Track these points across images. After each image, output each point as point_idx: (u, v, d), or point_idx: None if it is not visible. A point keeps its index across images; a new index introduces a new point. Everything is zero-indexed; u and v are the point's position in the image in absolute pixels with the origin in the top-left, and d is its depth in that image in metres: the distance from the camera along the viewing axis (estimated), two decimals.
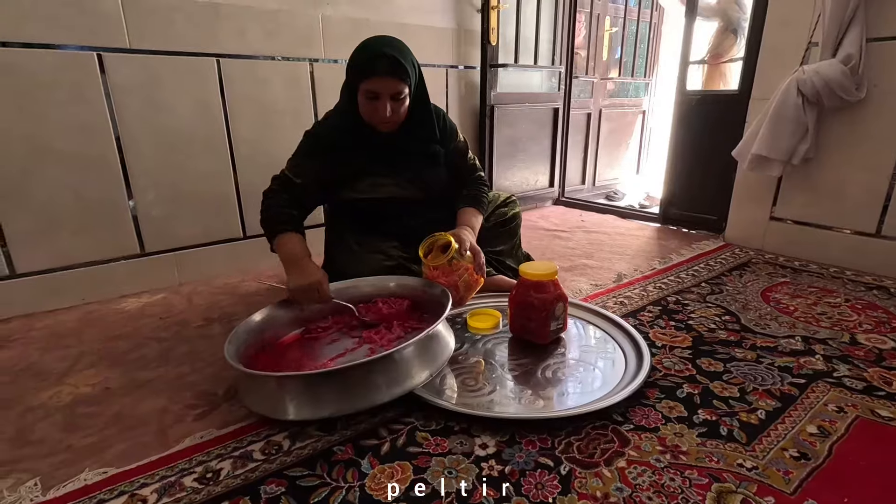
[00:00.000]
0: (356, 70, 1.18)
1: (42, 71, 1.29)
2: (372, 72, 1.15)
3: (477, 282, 1.22)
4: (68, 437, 0.86)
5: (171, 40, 1.46)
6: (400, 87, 1.18)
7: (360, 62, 1.17)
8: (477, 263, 1.20)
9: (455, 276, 1.16)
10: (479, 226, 1.36)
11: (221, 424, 0.89)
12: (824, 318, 1.30)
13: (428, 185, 1.36)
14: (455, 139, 1.41)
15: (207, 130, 1.58)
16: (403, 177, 1.33)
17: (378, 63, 1.14)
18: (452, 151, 1.40)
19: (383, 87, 1.16)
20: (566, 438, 0.83)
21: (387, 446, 0.82)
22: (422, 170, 1.34)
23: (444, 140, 1.37)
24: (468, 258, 1.19)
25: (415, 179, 1.34)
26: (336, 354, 1.05)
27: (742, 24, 2.27)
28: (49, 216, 1.37)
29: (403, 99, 1.21)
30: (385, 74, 1.15)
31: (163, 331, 1.28)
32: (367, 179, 1.31)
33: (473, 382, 1.00)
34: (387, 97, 1.18)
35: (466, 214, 1.34)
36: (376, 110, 1.19)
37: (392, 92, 1.17)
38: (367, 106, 1.20)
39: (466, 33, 2.18)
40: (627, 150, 3.36)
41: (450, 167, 1.40)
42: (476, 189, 1.40)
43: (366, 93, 1.18)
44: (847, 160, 1.66)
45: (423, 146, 1.33)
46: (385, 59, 1.14)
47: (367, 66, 1.15)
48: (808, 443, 0.82)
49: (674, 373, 1.03)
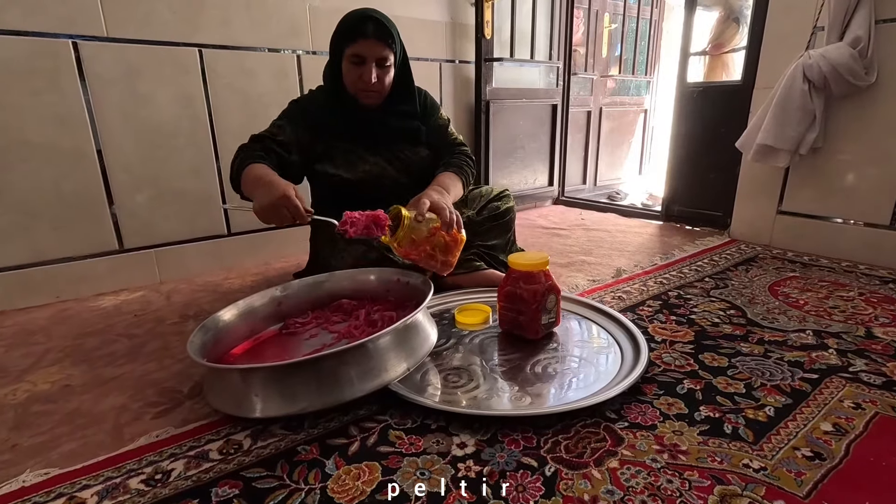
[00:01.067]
0: (342, 34, 1.18)
1: (15, 58, 1.25)
2: (359, 34, 1.15)
3: (455, 239, 1.10)
4: (15, 436, 0.80)
5: (151, 29, 1.41)
6: (385, 52, 1.18)
7: (346, 26, 1.18)
8: (444, 222, 1.07)
9: (425, 244, 1.06)
10: (458, 189, 1.28)
11: (181, 423, 0.82)
12: (837, 311, 1.22)
13: (407, 164, 1.31)
14: (436, 115, 1.38)
15: (190, 123, 1.53)
16: (383, 156, 1.29)
17: (365, 25, 1.15)
18: (433, 128, 1.36)
19: (369, 51, 1.16)
20: (553, 437, 0.75)
21: (356, 446, 0.75)
22: (402, 148, 1.31)
23: (423, 116, 1.34)
24: (432, 219, 1.07)
25: (393, 159, 1.30)
26: (312, 350, 0.99)
27: (744, 13, 2.20)
28: (24, 210, 1.32)
29: (388, 67, 1.21)
30: (372, 37, 1.15)
31: (136, 328, 1.22)
32: (345, 154, 1.27)
33: (457, 378, 0.93)
34: (372, 62, 1.17)
35: (439, 177, 1.27)
36: (361, 76, 1.18)
37: (378, 56, 1.17)
38: (352, 72, 1.19)
39: (460, 27, 2.13)
40: (629, 149, 3.29)
41: (430, 145, 1.36)
42: (457, 158, 1.35)
43: (351, 57, 1.17)
44: (858, 148, 1.58)
45: (404, 122, 1.30)
46: (372, 22, 1.16)
47: (354, 28, 1.16)
48: (823, 441, 0.74)
49: (674, 368, 0.96)
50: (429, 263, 1.09)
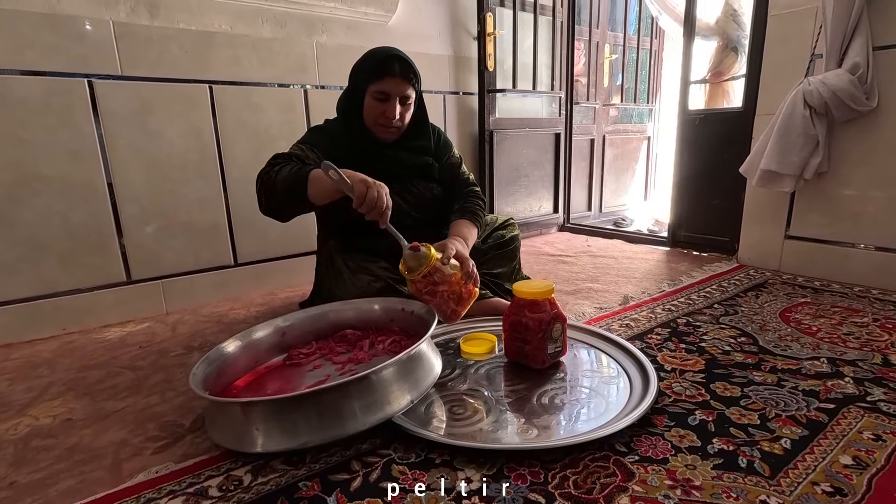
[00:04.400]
0: (367, 71, 1.21)
1: (32, 97, 1.29)
2: (385, 72, 1.19)
3: (470, 292, 1.11)
4: (14, 473, 0.79)
5: (164, 68, 1.46)
6: (409, 90, 1.22)
7: (372, 64, 1.20)
8: (465, 272, 1.09)
9: (443, 287, 1.06)
10: (474, 238, 1.30)
11: (181, 458, 0.81)
12: (851, 338, 1.19)
13: (419, 199, 1.32)
14: (449, 153, 1.40)
15: (199, 156, 1.56)
16: (395, 189, 1.28)
17: (392, 64, 1.19)
18: (445, 166, 1.38)
19: (395, 88, 1.20)
20: (561, 472, 0.73)
21: (358, 481, 0.73)
22: (414, 183, 1.32)
23: (437, 153, 1.37)
24: (454, 266, 1.09)
25: (406, 194, 1.30)
26: (316, 382, 0.98)
27: (742, 42, 2.24)
28: (34, 243, 1.34)
29: (410, 104, 1.25)
30: (398, 76, 1.19)
31: (140, 360, 1.22)
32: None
33: (462, 410, 0.91)
34: (396, 99, 1.21)
35: (458, 226, 1.29)
36: (384, 112, 1.21)
37: (402, 94, 1.21)
38: (375, 108, 1.22)
39: (464, 60, 2.18)
40: (634, 176, 3.30)
41: (443, 182, 1.38)
42: (471, 202, 1.36)
43: (376, 94, 1.20)
44: (863, 172, 1.57)
45: (417, 158, 1.32)
46: (398, 61, 1.20)
47: (381, 66, 1.19)
48: (844, 476, 0.71)
49: (685, 398, 0.93)
50: (439, 307, 1.07)
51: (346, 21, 1.80)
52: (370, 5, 1.83)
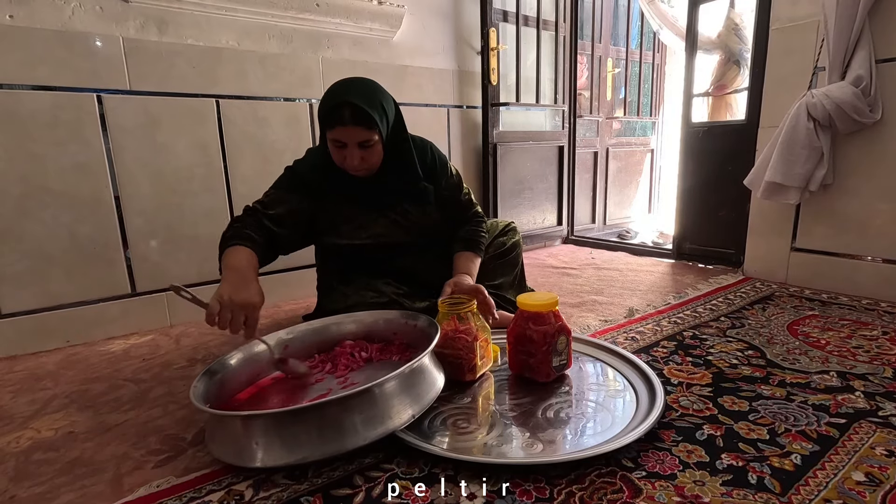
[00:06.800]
0: (321, 118, 1.12)
1: (41, 111, 1.31)
2: (335, 121, 1.08)
3: (488, 354, 1.09)
4: (14, 487, 0.78)
5: (171, 82, 1.48)
6: (366, 135, 1.10)
7: (324, 111, 1.11)
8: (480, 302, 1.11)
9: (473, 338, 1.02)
10: (477, 268, 1.29)
11: (183, 472, 0.80)
12: (861, 351, 1.17)
13: (418, 226, 1.29)
14: (446, 174, 1.32)
15: (205, 170, 1.57)
16: (388, 218, 1.26)
17: (340, 112, 1.07)
18: (444, 188, 1.31)
19: (348, 136, 1.10)
20: (567, 487, 0.71)
21: (360, 496, 0.72)
22: (409, 211, 1.27)
23: (432, 176, 1.29)
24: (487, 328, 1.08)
25: (401, 220, 1.27)
26: (318, 395, 0.97)
27: (744, 55, 2.25)
28: (41, 255, 1.35)
29: (373, 145, 1.13)
30: (349, 124, 1.08)
31: (143, 372, 1.21)
32: (350, 224, 1.24)
33: (466, 424, 0.90)
34: (354, 145, 1.11)
35: (463, 260, 1.26)
36: (344, 158, 1.13)
37: (358, 140, 1.10)
38: (336, 154, 1.14)
39: (467, 74, 2.20)
40: (638, 188, 3.31)
41: (442, 205, 1.32)
42: (473, 230, 1.33)
43: (333, 141, 1.12)
44: (869, 184, 1.57)
45: (407, 185, 1.25)
46: (348, 108, 1.07)
47: (330, 116, 1.09)
48: (856, 493, 0.69)
49: (692, 412, 0.92)
50: (458, 354, 1.02)
51: (352, 37, 1.83)
52: (375, 21, 1.86)
